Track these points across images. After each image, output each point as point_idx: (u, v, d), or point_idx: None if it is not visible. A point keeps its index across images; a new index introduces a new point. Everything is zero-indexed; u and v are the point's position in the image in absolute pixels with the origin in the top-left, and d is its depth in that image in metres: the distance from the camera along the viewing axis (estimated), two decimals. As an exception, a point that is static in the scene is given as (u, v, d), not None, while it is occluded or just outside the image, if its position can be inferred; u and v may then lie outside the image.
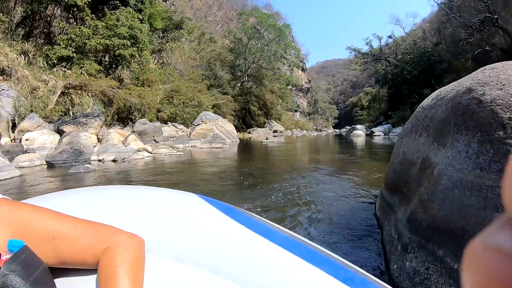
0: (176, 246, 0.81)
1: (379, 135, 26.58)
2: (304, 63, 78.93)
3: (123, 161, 9.04)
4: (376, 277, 0.81)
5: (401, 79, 40.89)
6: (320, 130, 63.60)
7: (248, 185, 5.46)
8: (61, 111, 13.53)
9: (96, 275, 0.73)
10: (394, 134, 25.47)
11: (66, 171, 7.06)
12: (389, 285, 0.79)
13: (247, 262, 0.78)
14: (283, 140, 22.42)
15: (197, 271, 0.76)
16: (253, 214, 0.97)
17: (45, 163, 7.96)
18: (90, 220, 0.77)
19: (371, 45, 49.56)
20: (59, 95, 13.85)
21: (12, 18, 15.93)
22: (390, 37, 48.91)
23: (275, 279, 0.74)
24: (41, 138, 9.98)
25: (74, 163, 7.92)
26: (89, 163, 8.09)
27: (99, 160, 8.91)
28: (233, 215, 0.90)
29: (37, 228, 0.72)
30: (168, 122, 18.58)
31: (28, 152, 8.72)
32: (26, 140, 9.71)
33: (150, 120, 16.75)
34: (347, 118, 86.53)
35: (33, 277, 0.62)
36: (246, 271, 0.76)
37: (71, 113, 13.57)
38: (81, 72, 15.78)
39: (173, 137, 16.29)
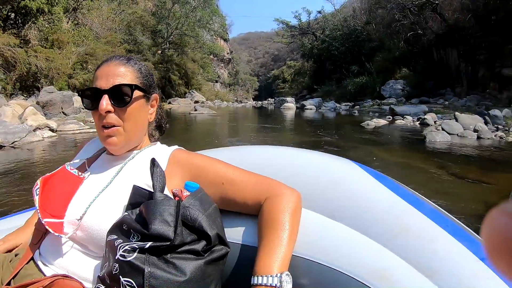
0: (328, 204, 0.89)
1: (311, 109, 25.46)
2: (227, 33, 77.27)
3: (12, 147, 6.83)
4: None
5: (327, 54, 41.71)
6: (241, 102, 63.01)
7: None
8: None
9: (249, 220, 0.87)
10: (327, 108, 24.99)
11: None
12: None
13: (394, 227, 0.81)
14: (214, 112, 20.63)
15: (346, 229, 0.83)
16: (402, 184, 1.00)
17: None
18: (255, 173, 0.89)
19: (299, 19, 50.14)
20: None
21: None
22: (319, 12, 48.79)
23: (419, 248, 0.76)
24: None
25: None
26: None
27: (-26, 149, 6.61)
28: (384, 182, 0.93)
29: (210, 174, 0.87)
30: (81, 92, 16.66)
31: None
32: None
33: (60, 89, 14.98)
34: (267, 90, 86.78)
35: (207, 211, 0.76)
36: (393, 235, 0.79)
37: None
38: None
39: (87, 109, 14.67)
